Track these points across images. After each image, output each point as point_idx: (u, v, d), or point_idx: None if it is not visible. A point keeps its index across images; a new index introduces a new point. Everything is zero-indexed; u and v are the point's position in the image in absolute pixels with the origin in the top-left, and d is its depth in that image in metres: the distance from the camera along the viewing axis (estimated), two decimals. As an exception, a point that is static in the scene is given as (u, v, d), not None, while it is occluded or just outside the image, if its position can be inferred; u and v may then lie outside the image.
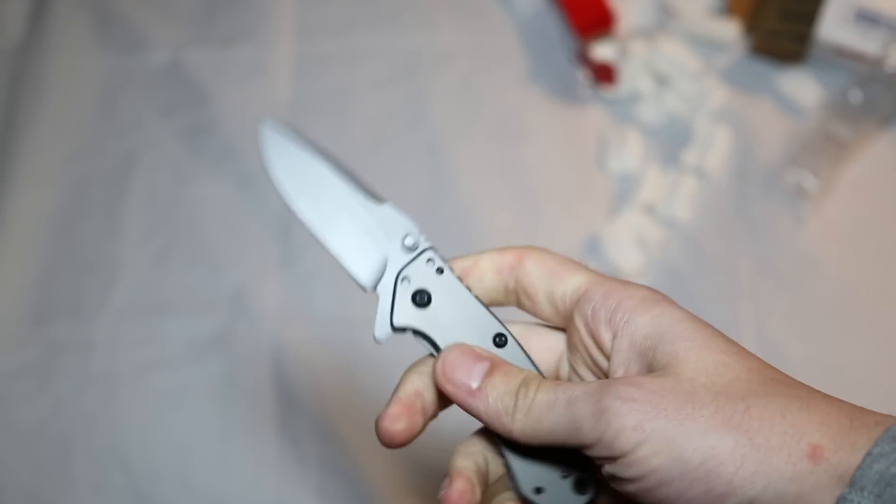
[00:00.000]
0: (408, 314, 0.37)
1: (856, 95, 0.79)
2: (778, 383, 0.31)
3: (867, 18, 0.81)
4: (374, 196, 0.37)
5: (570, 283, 0.36)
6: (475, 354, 0.35)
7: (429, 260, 0.37)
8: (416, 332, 0.38)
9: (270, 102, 0.84)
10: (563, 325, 0.37)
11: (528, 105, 0.83)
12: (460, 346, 0.36)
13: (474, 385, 0.35)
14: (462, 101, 0.84)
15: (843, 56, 0.82)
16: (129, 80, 0.85)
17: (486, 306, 0.37)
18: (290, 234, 0.78)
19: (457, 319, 0.36)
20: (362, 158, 0.82)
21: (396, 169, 0.81)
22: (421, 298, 0.37)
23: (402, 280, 0.37)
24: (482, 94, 0.84)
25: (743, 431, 0.29)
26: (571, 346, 0.37)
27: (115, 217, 0.79)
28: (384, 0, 0.89)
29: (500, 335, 0.36)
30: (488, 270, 0.37)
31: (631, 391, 0.31)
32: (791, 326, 0.74)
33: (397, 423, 0.37)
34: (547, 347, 0.38)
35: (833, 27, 0.81)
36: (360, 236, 0.38)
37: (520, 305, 0.38)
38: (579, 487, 0.35)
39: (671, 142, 0.81)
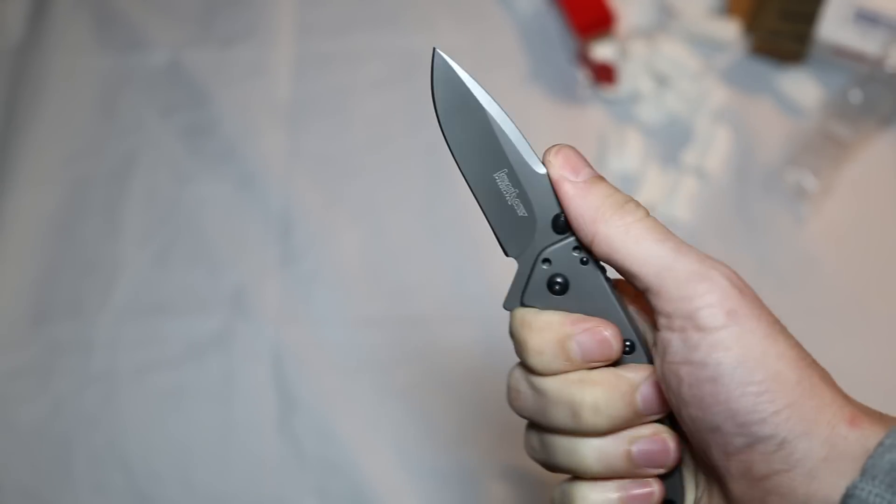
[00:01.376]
0: (540, 296, 0.34)
1: (856, 95, 0.79)
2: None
3: (867, 18, 0.81)
4: (536, 159, 0.35)
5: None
6: (586, 162, 0.33)
7: (575, 248, 0.34)
8: None
9: (270, 102, 0.84)
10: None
11: (528, 105, 0.83)
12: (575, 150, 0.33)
13: (580, 177, 0.32)
14: (462, 101, 0.84)
15: (843, 56, 0.82)
16: (129, 80, 0.85)
17: (625, 308, 0.34)
18: (290, 234, 0.78)
19: (589, 314, 0.34)
20: (362, 158, 0.82)
21: (396, 169, 0.81)
22: (558, 286, 0.34)
23: (544, 261, 0.34)
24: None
25: (808, 377, 0.29)
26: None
27: (115, 217, 0.79)
28: (384, 0, 0.89)
29: (629, 342, 0.34)
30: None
31: (738, 280, 0.30)
32: (791, 326, 0.74)
33: None
34: None
35: (833, 27, 0.81)
36: (513, 198, 0.35)
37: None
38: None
39: (671, 142, 0.81)
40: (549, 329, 0.33)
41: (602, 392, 0.32)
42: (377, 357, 0.74)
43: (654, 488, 0.33)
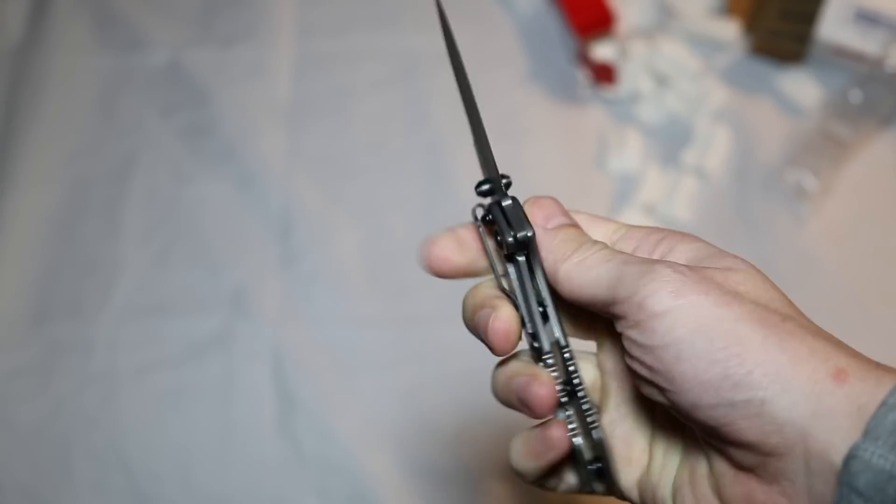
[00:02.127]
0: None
1: (856, 95, 0.79)
2: (812, 322, 0.31)
3: (867, 18, 0.81)
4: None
5: (608, 228, 0.36)
6: (566, 211, 0.36)
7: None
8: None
9: (270, 102, 0.84)
10: None
11: (528, 105, 0.83)
12: (554, 199, 0.36)
13: (552, 225, 0.35)
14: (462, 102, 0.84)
15: (843, 56, 0.82)
16: (129, 80, 0.85)
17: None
18: (290, 234, 0.78)
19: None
20: (362, 158, 0.82)
21: (396, 169, 0.81)
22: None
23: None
24: (482, 94, 0.83)
25: (775, 333, 0.29)
26: None
27: (115, 217, 0.79)
28: (384, 0, 0.89)
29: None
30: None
31: (682, 267, 0.30)
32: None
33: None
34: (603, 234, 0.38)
35: (833, 27, 0.81)
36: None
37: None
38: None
39: (671, 142, 0.81)
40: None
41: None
42: (377, 357, 0.73)
43: (554, 430, 0.34)
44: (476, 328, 0.37)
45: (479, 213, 0.37)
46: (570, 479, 0.37)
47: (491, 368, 0.72)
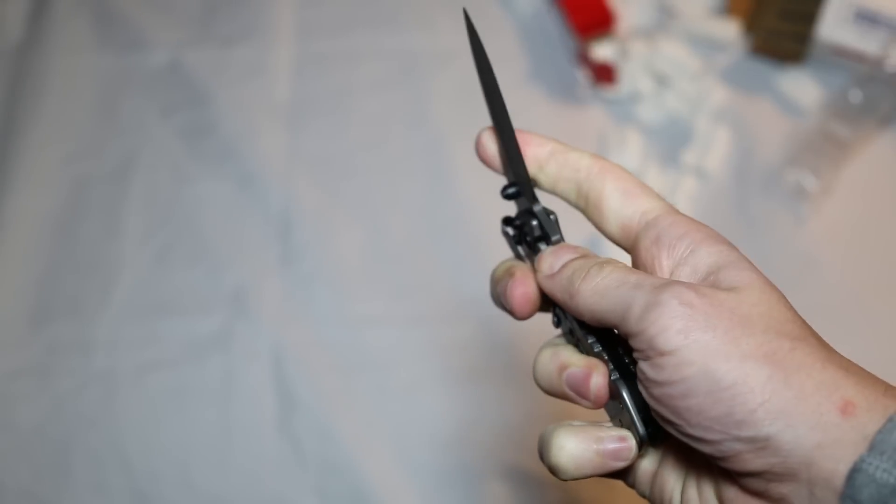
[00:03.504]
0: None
1: (856, 95, 0.79)
2: (824, 342, 0.31)
3: (867, 18, 0.81)
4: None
5: (641, 206, 0.36)
6: (570, 249, 0.37)
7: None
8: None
9: (270, 102, 0.84)
10: (628, 247, 0.37)
11: (528, 105, 0.83)
12: (554, 247, 0.37)
13: (555, 270, 0.36)
14: (462, 101, 0.84)
15: (843, 56, 0.82)
16: (129, 80, 0.85)
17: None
18: (290, 234, 0.78)
19: None
20: (362, 158, 0.82)
21: (396, 169, 0.81)
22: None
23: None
24: (482, 94, 0.84)
25: (781, 368, 0.29)
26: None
27: (115, 217, 0.79)
28: (384, 0, 0.89)
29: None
30: (569, 164, 0.38)
31: (690, 295, 0.31)
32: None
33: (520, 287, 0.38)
34: None
35: (833, 27, 0.81)
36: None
37: (586, 214, 0.38)
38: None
39: (671, 142, 0.81)
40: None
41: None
42: (377, 357, 0.74)
43: (629, 443, 0.34)
44: (499, 298, 0.38)
45: (510, 231, 0.40)
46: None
47: (491, 368, 0.73)
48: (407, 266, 0.77)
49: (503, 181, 0.40)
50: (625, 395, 0.34)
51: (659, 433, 0.34)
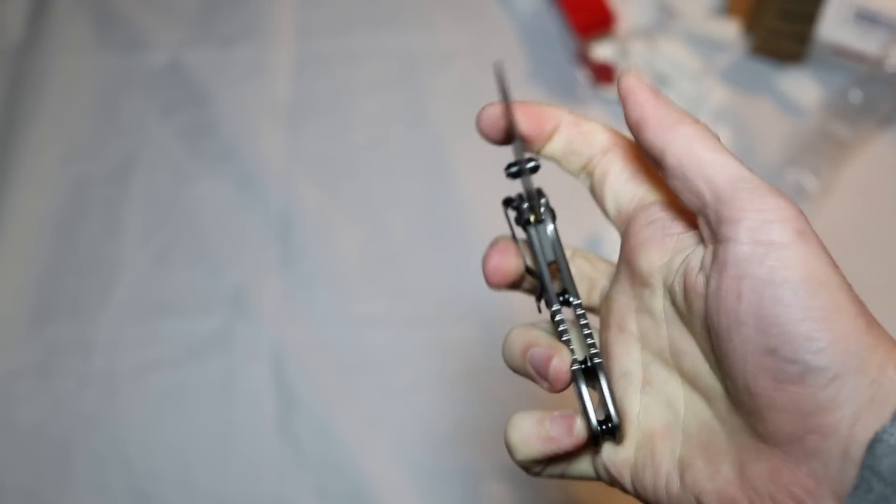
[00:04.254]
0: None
1: (856, 95, 0.79)
2: None
3: (867, 18, 0.81)
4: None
5: (639, 191, 0.35)
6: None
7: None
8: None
9: (270, 102, 0.84)
10: (621, 231, 0.36)
11: (528, 105, 0.83)
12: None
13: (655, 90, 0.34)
14: (462, 101, 0.84)
15: (843, 56, 0.82)
16: (129, 80, 0.85)
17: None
18: (290, 234, 0.78)
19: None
20: (362, 158, 0.82)
21: (396, 169, 0.81)
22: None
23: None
24: (482, 94, 0.84)
25: (864, 314, 0.29)
26: (621, 256, 0.36)
27: (115, 217, 0.79)
28: (384, 0, 0.89)
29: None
30: (583, 137, 0.37)
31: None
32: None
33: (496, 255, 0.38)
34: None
35: (833, 27, 0.81)
36: None
37: (591, 188, 0.38)
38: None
39: (671, 142, 0.81)
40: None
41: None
42: (377, 357, 0.73)
43: (573, 425, 0.34)
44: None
45: (510, 213, 0.39)
46: (559, 468, 0.36)
47: (491, 368, 0.72)
48: (407, 266, 0.77)
49: (503, 182, 0.40)
50: (581, 385, 0.34)
51: (615, 430, 0.33)
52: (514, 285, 0.39)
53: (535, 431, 0.34)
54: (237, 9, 0.88)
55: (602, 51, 0.81)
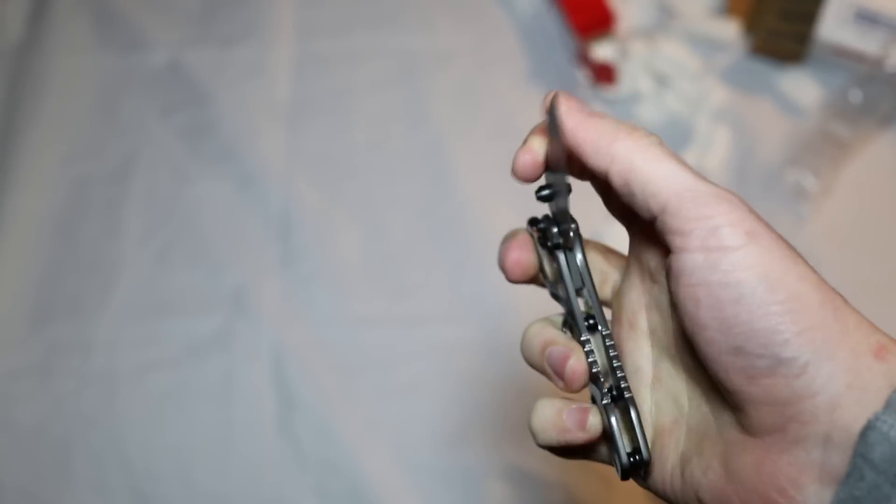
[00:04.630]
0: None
1: (856, 95, 0.79)
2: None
3: (867, 18, 0.81)
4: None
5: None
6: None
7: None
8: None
9: (270, 102, 0.84)
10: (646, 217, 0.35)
11: (528, 105, 0.83)
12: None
13: (587, 110, 0.33)
14: (462, 101, 0.84)
15: (843, 56, 0.82)
16: (129, 80, 0.85)
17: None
18: (290, 234, 0.78)
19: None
20: (362, 158, 0.82)
21: (396, 169, 0.81)
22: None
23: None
24: (482, 94, 0.84)
25: (831, 300, 0.29)
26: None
27: (115, 217, 0.79)
28: (384, 0, 0.89)
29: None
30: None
31: (755, 212, 0.30)
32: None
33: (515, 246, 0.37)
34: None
35: (833, 27, 0.81)
36: None
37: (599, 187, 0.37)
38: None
39: (671, 142, 0.81)
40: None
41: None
42: (377, 357, 0.74)
43: (589, 417, 0.34)
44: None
45: (535, 234, 0.38)
46: (580, 454, 0.36)
47: (491, 368, 0.73)
48: (407, 266, 0.77)
49: (503, 182, 0.40)
50: (612, 420, 0.34)
51: (644, 465, 0.33)
52: (532, 279, 0.38)
53: (553, 420, 0.34)
54: (237, 9, 0.88)
55: (602, 51, 0.81)
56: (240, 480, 0.70)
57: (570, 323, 0.37)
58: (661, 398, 0.35)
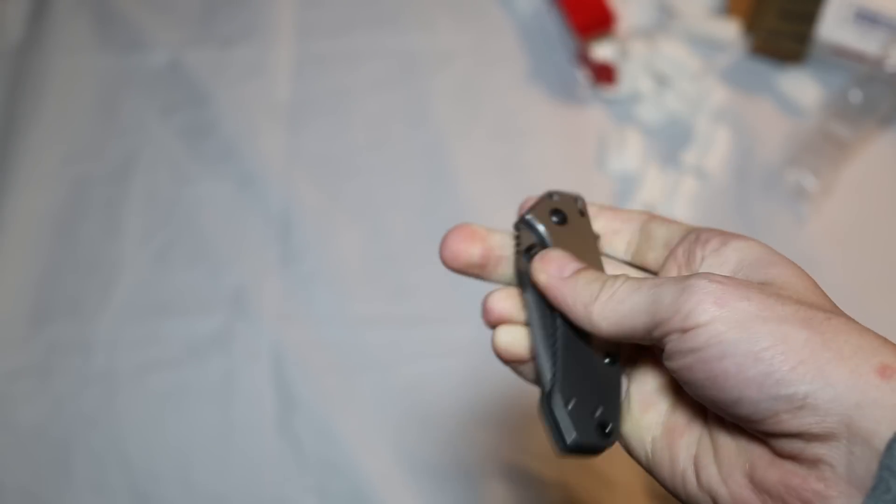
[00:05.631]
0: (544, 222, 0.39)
1: (856, 95, 0.79)
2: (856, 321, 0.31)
3: (867, 18, 0.81)
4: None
5: (672, 231, 0.38)
6: (573, 258, 0.37)
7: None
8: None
9: (270, 102, 0.84)
10: (658, 266, 0.38)
11: (528, 105, 0.83)
12: (561, 251, 0.37)
13: (566, 274, 0.36)
14: (462, 101, 0.84)
15: (843, 56, 0.82)
16: (129, 80, 0.85)
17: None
18: (290, 234, 0.78)
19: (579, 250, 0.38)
20: (362, 158, 0.82)
21: (396, 169, 0.81)
22: (560, 217, 0.39)
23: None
24: (482, 94, 0.85)
25: (818, 333, 0.29)
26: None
27: (115, 217, 0.79)
28: (384, 0, 0.89)
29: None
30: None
31: (719, 277, 0.31)
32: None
33: (458, 238, 0.40)
34: None
35: (833, 27, 0.81)
36: None
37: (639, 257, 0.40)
38: (600, 430, 0.35)
39: (671, 142, 0.81)
40: None
41: None
42: (377, 357, 0.74)
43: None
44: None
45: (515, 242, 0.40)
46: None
47: (491, 368, 0.72)
48: (407, 266, 0.77)
49: (503, 182, 0.40)
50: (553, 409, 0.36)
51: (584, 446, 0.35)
52: (472, 273, 0.41)
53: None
54: (237, 9, 0.88)
55: (602, 51, 0.81)
56: (240, 480, 0.70)
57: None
58: (682, 401, 0.36)
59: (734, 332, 0.29)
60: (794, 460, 0.30)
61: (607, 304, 0.33)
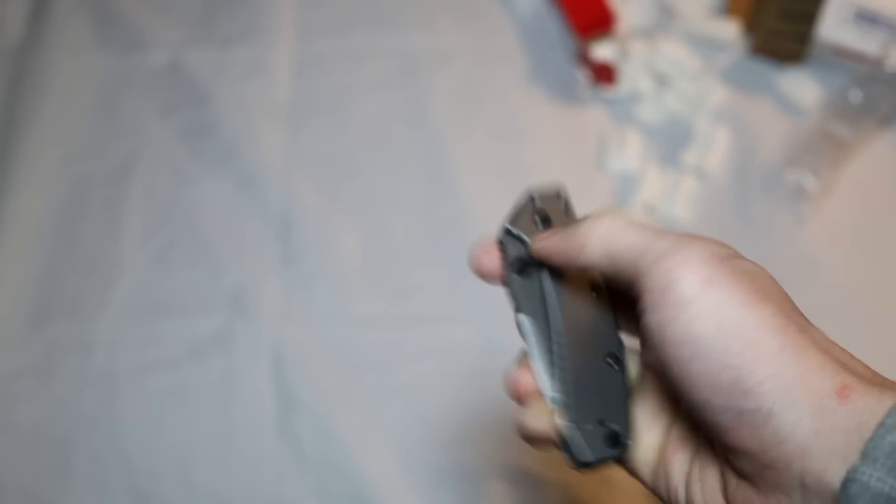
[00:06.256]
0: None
1: (856, 95, 0.79)
2: (820, 332, 0.31)
3: (867, 18, 0.81)
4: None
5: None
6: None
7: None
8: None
9: (270, 102, 0.84)
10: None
11: (528, 105, 0.83)
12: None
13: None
14: (462, 101, 0.84)
15: (843, 56, 0.82)
16: (129, 80, 0.85)
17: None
18: (290, 233, 0.78)
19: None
20: (362, 158, 0.82)
21: (396, 169, 0.81)
22: (544, 222, 0.39)
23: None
24: (482, 94, 0.85)
25: (792, 344, 0.29)
26: None
27: (115, 217, 0.79)
28: (384, 0, 0.89)
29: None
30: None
31: (723, 252, 0.30)
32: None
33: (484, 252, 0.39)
34: None
35: (833, 27, 0.81)
36: None
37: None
38: (611, 440, 0.35)
39: (671, 142, 0.81)
40: None
41: None
42: (377, 357, 0.74)
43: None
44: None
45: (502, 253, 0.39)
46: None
47: (491, 368, 0.72)
48: (407, 266, 0.77)
49: (503, 182, 0.40)
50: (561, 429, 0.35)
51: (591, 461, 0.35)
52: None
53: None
54: (237, 9, 0.88)
55: (602, 51, 0.81)
56: (240, 480, 0.70)
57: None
58: (679, 420, 0.36)
59: (709, 326, 0.29)
60: (753, 484, 0.30)
61: (603, 234, 0.33)
